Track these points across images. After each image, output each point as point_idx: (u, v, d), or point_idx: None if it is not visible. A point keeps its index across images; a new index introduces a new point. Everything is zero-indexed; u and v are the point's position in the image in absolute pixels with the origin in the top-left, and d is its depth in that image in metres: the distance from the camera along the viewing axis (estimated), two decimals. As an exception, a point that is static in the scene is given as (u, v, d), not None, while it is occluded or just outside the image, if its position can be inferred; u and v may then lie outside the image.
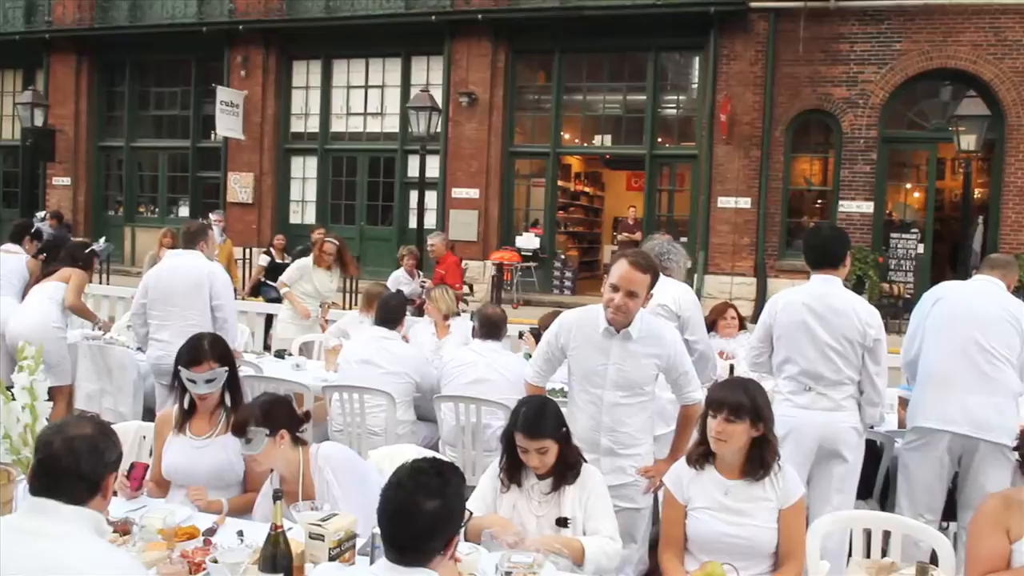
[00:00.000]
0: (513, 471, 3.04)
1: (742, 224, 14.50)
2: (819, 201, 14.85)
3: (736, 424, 2.88)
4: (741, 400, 2.89)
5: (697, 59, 15.35)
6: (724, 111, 14.20)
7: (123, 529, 2.83)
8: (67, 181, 19.46)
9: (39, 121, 16.03)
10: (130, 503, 3.13)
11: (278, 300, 8.22)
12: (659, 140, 15.68)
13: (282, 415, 3.06)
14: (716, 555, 2.87)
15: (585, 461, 3.10)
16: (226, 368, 3.45)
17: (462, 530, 2.27)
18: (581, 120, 16.53)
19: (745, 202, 14.44)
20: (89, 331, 6.51)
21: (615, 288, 3.38)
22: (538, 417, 2.97)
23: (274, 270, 10.79)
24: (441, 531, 2.08)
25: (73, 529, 2.00)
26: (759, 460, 2.94)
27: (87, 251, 6.43)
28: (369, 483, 3.04)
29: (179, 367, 3.43)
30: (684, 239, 14.84)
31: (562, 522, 2.94)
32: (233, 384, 3.51)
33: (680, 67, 16.08)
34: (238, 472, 3.40)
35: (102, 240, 15.68)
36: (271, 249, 11.25)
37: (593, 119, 16.39)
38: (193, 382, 3.38)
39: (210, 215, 10.82)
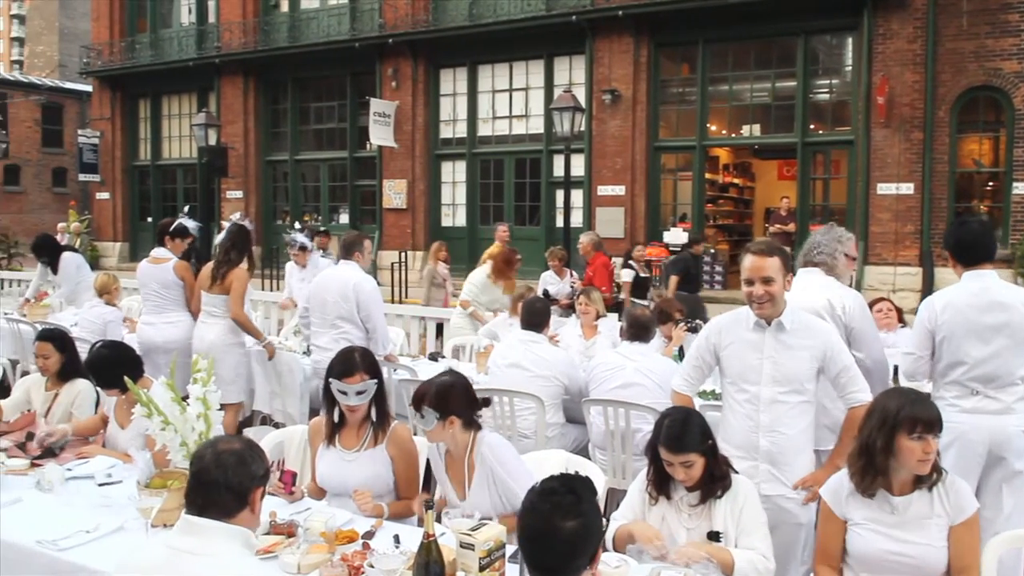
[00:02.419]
0: (661, 483, 3.00)
1: (904, 211, 13.69)
2: (990, 184, 13.76)
3: (937, 439, 2.75)
4: (939, 415, 2.77)
5: (850, 40, 14.62)
6: (881, 93, 13.45)
7: (289, 531, 3.01)
8: (239, 194, 20.84)
9: (213, 140, 17.24)
10: (295, 505, 3.33)
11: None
12: (811, 127, 15.05)
13: (456, 400, 3.19)
14: (880, 573, 2.75)
15: (736, 472, 3.03)
16: (375, 381, 3.52)
17: (603, 540, 2.27)
18: (728, 110, 16.10)
19: (907, 188, 13.62)
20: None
21: (750, 282, 3.34)
22: (682, 431, 2.91)
23: (639, 286, 10.07)
24: (583, 548, 2.06)
25: (223, 549, 2.15)
26: (932, 469, 2.78)
27: (246, 236, 6.28)
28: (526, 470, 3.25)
29: (330, 379, 3.50)
30: (842, 229, 14.16)
31: (714, 536, 2.87)
32: (380, 398, 3.57)
33: (832, 49, 15.36)
34: (388, 483, 3.50)
35: (239, 216, 16.45)
36: (632, 262, 10.23)
37: (740, 109, 15.92)
38: (344, 394, 3.45)
39: (498, 226, 10.39)
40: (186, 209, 15.96)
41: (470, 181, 18.14)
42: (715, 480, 2.95)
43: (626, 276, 10.15)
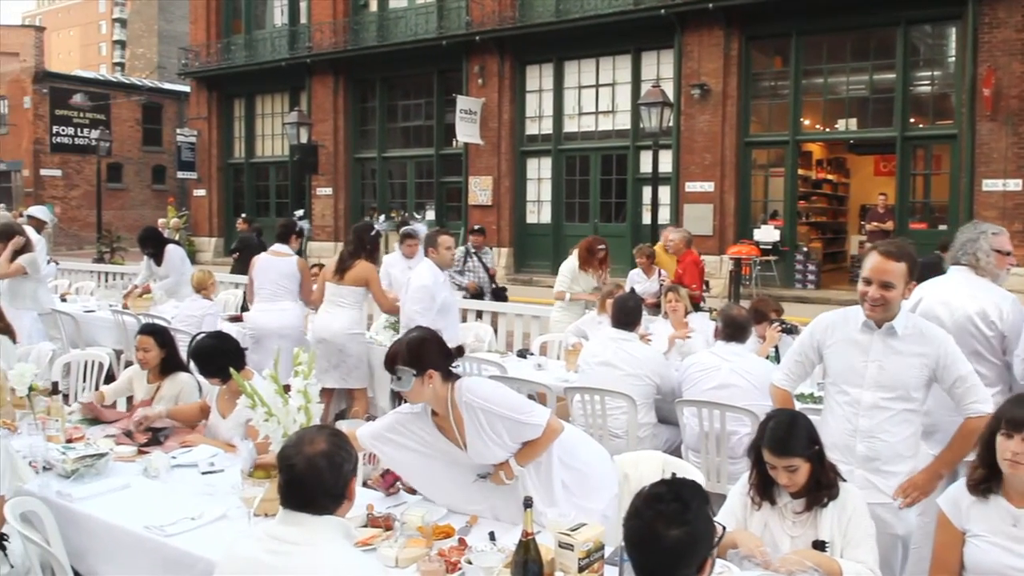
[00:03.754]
0: (764, 488, 2.89)
1: (1012, 209, 13.05)
2: (1107, 179, 13.03)
3: None
4: None
5: (954, 30, 14.02)
6: (987, 85, 12.85)
7: (386, 524, 3.02)
8: (329, 191, 21.29)
9: (304, 138, 17.64)
10: (391, 499, 3.34)
11: None
12: (911, 120, 14.49)
13: (431, 354, 3.05)
14: (1000, 588, 2.61)
15: (843, 480, 2.91)
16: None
17: (715, 549, 2.18)
18: (822, 104, 15.64)
19: (1015, 184, 12.98)
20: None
21: (868, 281, 3.17)
22: (787, 434, 2.79)
23: None
24: (689, 558, 1.99)
25: (324, 538, 2.18)
26: None
27: (372, 233, 6.61)
28: (507, 389, 3.15)
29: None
30: (943, 227, 13.61)
31: (819, 546, 2.75)
32: None
33: (934, 40, 14.76)
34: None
35: (381, 218, 16.98)
36: None
37: (835, 102, 15.45)
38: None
39: (668, 229, 10.12)
40: (299, 213, 16.48)
41: (555, 178, 18.11)
42: (821, 488, 2.83)
43: None
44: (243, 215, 18.84)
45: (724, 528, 2.17)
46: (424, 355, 3.04)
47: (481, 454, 3.11)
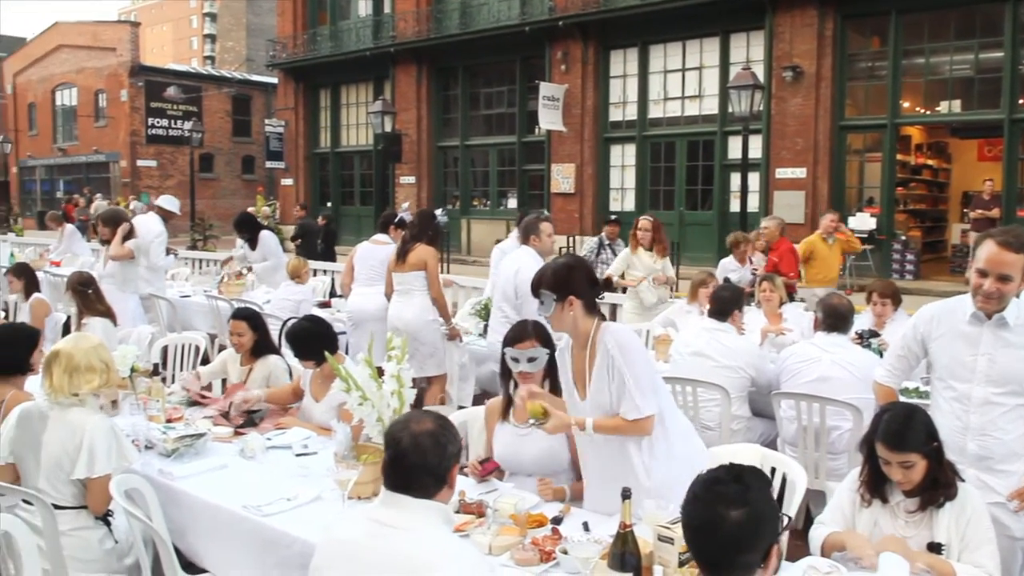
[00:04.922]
0: (875, 484, 2.74)
1: None
2: None
3: None
4: None
5: (1069, 4, 13.24)
6: (1106, 62, 12.10)
7: (478, 511, 2.99)
8: (412, 179, 21.49)
9: (388, 127, 17.81)
10: (482, 486, 3.31)
11: None
12: (1020, 102, 13.73)
13: (575, 282, 3.01)
14: None
15: (962, 480, 2.74)
16: (548, 351, 3.47)
17: (780, 537, 2.07)
18: (923, 86, 14.98)
19: None
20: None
21: (983, 273, 2.96)
22: (903, 427, 2.64)
23: None
24: (752, 541, 1.89)
25: (424, 523, 2.17)
26: None
27: (435, 222, 6.65)
28: (650, 364, 3.10)
29: (505, 349, 3.51)
30: (1053, 214, 12.90)
31: (935, 548, 2.60)
32: (554, 371, 3.49)
33: (1046, 15, 13.96)
34: (563, 460, 3.43)
35: (438, 210, 17.15)
36: None
37: (937, 84, 14.77)
38: (516, 360, 3.43)
39: (827, 217, 9.25)
40: (405, 206, 16.72)
41: (640, 165, 17.86)
42: (938, 487, 2.67)
43: None
44: (301, 203, 19.24)
45: (790, 519, 2.06)
46: (568, 281, 3.02)
47: (597, 400, 3.04)
